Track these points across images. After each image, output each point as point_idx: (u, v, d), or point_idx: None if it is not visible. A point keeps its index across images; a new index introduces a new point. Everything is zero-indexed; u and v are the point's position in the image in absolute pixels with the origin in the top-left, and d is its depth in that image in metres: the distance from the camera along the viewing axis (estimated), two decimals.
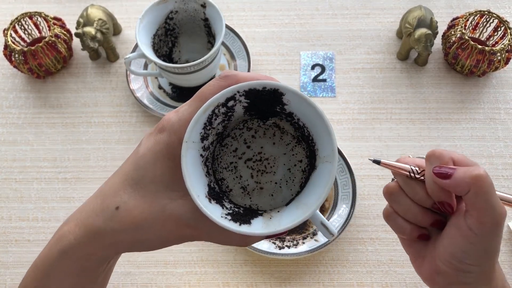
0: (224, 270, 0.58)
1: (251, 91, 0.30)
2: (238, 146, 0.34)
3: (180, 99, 0.67)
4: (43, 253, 0.34)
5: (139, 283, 0.57)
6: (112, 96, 0.69)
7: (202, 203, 0.28)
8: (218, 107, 0.30)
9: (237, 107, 0.31)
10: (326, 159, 0.30)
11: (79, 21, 0.67)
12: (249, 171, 0.34)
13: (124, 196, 0.31)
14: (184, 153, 0.29)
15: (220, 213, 0.29)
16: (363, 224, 0.59)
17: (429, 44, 0.63)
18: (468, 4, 0.74)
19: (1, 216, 0.62)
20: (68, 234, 0.32)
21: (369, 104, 0.67)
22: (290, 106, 0.31)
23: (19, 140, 0.66)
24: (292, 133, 0.34)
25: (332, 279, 0.57)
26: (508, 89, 0.67)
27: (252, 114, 0.33)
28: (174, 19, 0.65)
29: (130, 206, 0.30)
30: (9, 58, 0.66)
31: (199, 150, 0.30)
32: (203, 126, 0.29)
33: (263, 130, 0.35)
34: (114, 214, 0.30)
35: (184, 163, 0.28)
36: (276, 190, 0.34)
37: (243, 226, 0.29)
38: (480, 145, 0.64)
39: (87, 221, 0.31)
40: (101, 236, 0.31)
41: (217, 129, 0.31)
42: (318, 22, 0.73)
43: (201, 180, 0.30)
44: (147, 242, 0.31)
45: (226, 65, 0.69)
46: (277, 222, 0.29)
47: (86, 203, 0.33)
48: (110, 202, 0.31)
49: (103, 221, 0.31)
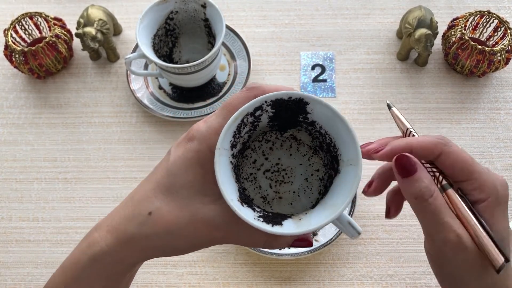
0: (224, 270, 0.58)
1: (278, 101, 0.31)
2: (257, 157, 0.36)
3: (180, 100, 0.67)
4: (73, 258, 0.34)
5: (139, 283, 0.57)
6: (113, 96, 0.69)
7: (236, 206, 0.29)
8: (247, 116, 0.31)
9: (263, 116, 0.32)
10: (350, 162, 0.31)
11: (80, 22, 0.67)
12: (268, 181, 0.36)
13: (157, 202, 0.31)
14: (217, 159, 0.30)
15: (252, 216, 0.30)
16: (363, 224, 0.59)
17: (429, 45, 0.63)
18: (468, 4, 0.74)
19: (1, 216, 0.62)
20: (100, 240, 0.32)
21: (369, 104, 0.67)
22: (313, 114, 0.32)
23: (20, 140, 0.66)
24: (309, 143, 0.36)
25: (332, 279, 0.57)
26: (508, 89, 0.67)
27: (274, 125, 0.34)
28: (174, 19, 0.65)
29: (162, 211, 0.31)
30: (10, 58, 0.66)
31: (229, 157, 0.31)
32: (233, 134, 0.31)
33: (280, 142, 0.36)
34: (147, 219, 0.31)
35: (217, 169, 0.29)
36: (295, 199, 0.35)
37: (276, 227, 0.30)
38: (480, 145, 0.64)
39: (119, 227, 0.32)
40: (134, 241, 0.32)
41: (244, 138, 0.33)
42: (318, 22, 0.74)
43: (232, 185, 0.31)
44: (178, 246, 0.32)
45: (226, 65, 0.69)
46: (307, 223, 0.30)
47: (117, 210, 0.34)
48: (143, 208, 0.32)
49: (135, 226, 0.31)
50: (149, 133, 0.66)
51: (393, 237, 0.58)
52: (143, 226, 0.31)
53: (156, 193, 0.32)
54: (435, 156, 0.32)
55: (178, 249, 0.33)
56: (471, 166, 0.32)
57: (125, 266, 0.34)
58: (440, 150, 0.32)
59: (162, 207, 0.31)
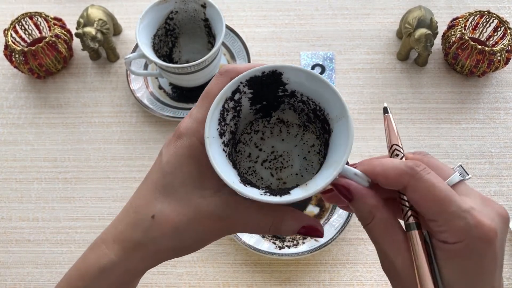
0: (224, 270, 0.58)
1: (253, 79, 0.31)
2: (251, 151, 0.36)
3: (180, 100, 0.67)
4: (79, 269, 0.34)
5: (139, 283, 0.57)
6: (112, 96, 0.69)
7: (239, 187, 0.29)
8: (227, 101, 0.31)
9: (243, 99, 0.32)
10: (339, 117, 0.30)
11: (79, 22, 0.67)
12: (268, 171, 0.35)
13: (158, 204, 0.31)
14: (209, 148, 0.29)
15: (258, 193, 0.29)
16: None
17: (429, 44, 0.63)
18: (468, 4, 0.74)
19: (1, 216, 0.62)
20: (108, 252, 0.32)
21: (369, 104, 0.67)
22: (290, 84, 0.32)
23: (20, 140, 0.66)
24: (297, 122, 0.36)
25: (332, 279, 0.57)
26: (508, 89, 0.67)
27: (257, 109, 0.34)
28: (174, 19, 0.65)
29: (165, 212, 0.31)
30: (10, 58, 0.66)
31: (220, 145, 0.31)
32: (218, 122, 0.31)
33: (269, 129, 0.36)
34: (151, 223, 0.31)
35: (211, 156, 0.29)
36: (299, 179, 0.35)
37: (284, 197, 0.29)
38: (480, 145, 0.64)
39: (124, 236, 0.32)
40: (142, 248, 0.31)
41: (231, 126, 0.32)
42: (318, 22, 0.74)
43: (231, 170, 0.31)
44: (187, 244, 0.32)
45: None
46: (313, 185, 0.29)
47: (119, 219, 0.33)
48: (144, 212, 0.31)
49: (141, 232, 0.31)
50: (149, 133, 0.66)
51: None
52: (149, 230, 0.31)
53: (155, 196, 0.32)
54: (400, 188, 0.29)
55: (188, 247, 0.33)
56: (440, 206, 0.27)
57: (135, 273, 0.33)
58: (406, 183, 0.28)
59: (164, 208, 0.31)
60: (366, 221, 0.30)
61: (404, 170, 0.28)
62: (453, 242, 0.27)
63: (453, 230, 0.27)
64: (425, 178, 0.27)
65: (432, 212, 0.27)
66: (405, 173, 0.28)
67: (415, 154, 0.32)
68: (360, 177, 0.30)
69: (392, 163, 0.29)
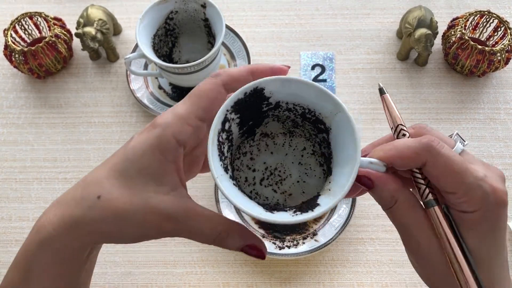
0: (224, 270, 0.58)
1: (237, 103, 0.30)
2: (246, 175, 0.35)
3: (180, 99, 0.67)
4: (23, 246, 0.33)
5: (139, 283, 0.57)
6: (112, 96, 0.69)
7: (269, 216, 0.28)
8: (220, 134, 0.30)
9: (232, 126, 0.31)
10: (334, 113, 0.30)
11: (79, 21, 0.67)
12: (269, 188, 0.35)
13: (107, 186, 0.30)
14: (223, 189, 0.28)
15: (290, 215, 0.29)
16: (363, 224, 0.59)
17: (429, 44, 0.63)
18: (468, 4, 0.74)
19: (1, 216, 0.62)
20: (47, 225, 0.31)
21: (369, 104, 0.67)
22: (273, 96, 0.31)
23: (19, 140, 0.66)
24: (281, 131, 0.35)
25: (332, 279, 0.57)
26: (508, 89, 0.67)
27: (244, 132, 0.33)
28: (174, 19, 0.65)
29: (112, 196, 0.30)
30: (9, 58, 0.66)
31: (229, 180, 0.30)
32: (219, 159, 0.29)
33: (256, 147, 0.35)
34: (95, 203, 0.30)
35: (228, 194, 0.28)
36: (302, 186, 0.35)
37: (317, 209, 0.28)
38: (480, 145, 0.64)
39: (65, 210, 0.31)
40: (80, 225, 0.30)
41: (228, 158, 0.32)
42: (318, 22, 0.73)
43: (251, 202, 0.30)
44: (126, 233, 0.31)
45: (226, 65, 0.69)
46: (339, 188, 0.29)
47: (67, 192, 0.32)
48: (92, 190, 0.30)
49: (82, 209, 0.30)
50: None
51: (393, 237, 0.58)
52: (90, 209, 0.30)
53: (108, 177, 0.30)
54: (419, 166, 0.29)
55: (126, 237, 0.31)
56: (459, 178, 0.28)
57: (74, 251, 0.32)
58: (424, 160, 0.28)
59: (113, 192, 0.30)
60: (388, 205, 0.30)
61: (421, 148, 0.28)
62: (472, 210, 0.28)
63: (472, 200, 0.28)
64: (442, 153, 0.28)
65: (451, 185, 0.28)
66: (422, 151, 0.28)
67: (416, 129, 0.32)
68: (377, 164, 0.30)
69: (406, 144, 0.29)
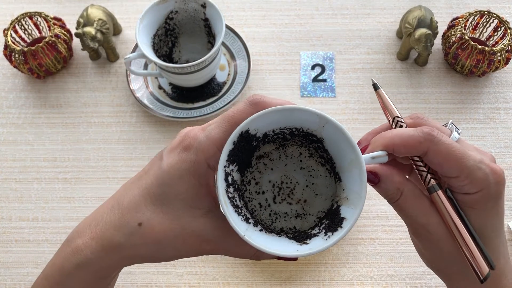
0: (224, 270, 0.58)
1: (230, 155, 0.30)
2: (258, 201, 0.35)
3: (180, 100, 0.67)
4: (56, 265, 0.34)
5: (139, 283, 0.57)
6: (112, 96, 0.69)
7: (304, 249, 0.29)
8: (227, 191, 0.30)
9: (235, 176, 0.31)
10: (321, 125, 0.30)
11: (79, 21, 0.67)
12: (284, 203, 0.35)
13: (147, 213, 0.31)
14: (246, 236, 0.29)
15: (323, 241, 0.30)
16: (363, 224, 0.59)
17: (429, 44, 0.63)
18: (468, 4, 0.74)
19: (1, 216, 0.62)
20: (85, 248, 0.32)
21: (369, 104, 0.67)
22: (259, 131, 0.31)
23: (19, 140, 0.66)
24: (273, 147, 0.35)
25: (332, 279, 0.57)
26: (508, 89, 0.67)
27: (244, 169, 0.34)
28: (174, 19, 0.65)
29: (153, 222, 0.31)
30: (9, 58, 0.66)
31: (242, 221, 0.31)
32: (237, 215, 0.30)
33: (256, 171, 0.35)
34: (136, 230, 0.31)
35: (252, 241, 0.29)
36: (312, 188, 0.35)
37: (345, 224, 0.29)
38: (480, 145, 0.64)
39: (104, 235, 0.31)
40: (120, 250, 0.31)
41: (243, 204, 0.32)
42: (318, 22, 0.73)
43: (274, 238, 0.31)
44: (166, 256, 0.32)
45: (226, 65, 0.69)
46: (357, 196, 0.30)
47: (100, 214, 0.33)
48: (132, 217, 0.31)
49: (123, 236, 0.31)
50: (149, 133, 0.66)
51: (393, 237, 0.58)
52: (131, 236, 0.31)
53: (146, 202, 0.31)
54: (420, 154, 0.30)
55: (163, 258, 0.32)
56: (460, 163, 0.29)
57: (110, 271, 0.33)
58: (426, 149, 0.30)
59: (153, 218, 0.31)
60: (395, 198, 0.31)
61: (423, 137, 0.30)
62: (475, 191, 0.30)
63: (474, 182, 0.29)
64: (443, 141, 0.30)
65: (454, 170, 0.30)
66: (424, 139, 0.30)
67: (413, 119, 0.33)
68: (379, 156, 0.31)
69: (408, 133, 0.30)
